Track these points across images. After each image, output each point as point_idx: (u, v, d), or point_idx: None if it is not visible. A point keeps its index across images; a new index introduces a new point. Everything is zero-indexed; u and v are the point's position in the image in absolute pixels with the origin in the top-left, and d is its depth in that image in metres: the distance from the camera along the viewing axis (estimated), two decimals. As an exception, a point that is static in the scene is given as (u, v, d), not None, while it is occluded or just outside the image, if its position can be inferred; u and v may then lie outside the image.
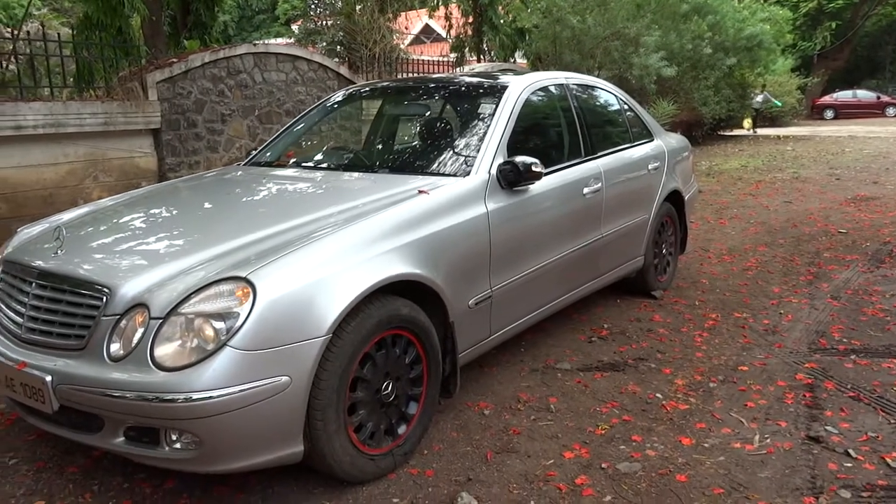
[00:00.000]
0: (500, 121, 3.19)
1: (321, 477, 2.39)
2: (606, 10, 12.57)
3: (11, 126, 6.48)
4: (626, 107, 4.45)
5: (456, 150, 3.17)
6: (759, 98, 18.75)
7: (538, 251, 3.22)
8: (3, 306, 2.45)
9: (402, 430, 2.53)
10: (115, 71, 8.16)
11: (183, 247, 2.40)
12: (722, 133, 17.91)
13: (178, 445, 2.06)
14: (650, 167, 4.33)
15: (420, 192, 2.73)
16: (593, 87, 4.25)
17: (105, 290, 2.15)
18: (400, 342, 2.48)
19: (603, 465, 2.56)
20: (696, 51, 13.87)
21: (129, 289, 2.13)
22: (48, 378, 2.10)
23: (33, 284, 2.33)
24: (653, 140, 4.56)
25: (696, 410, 3.02)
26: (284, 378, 2.05)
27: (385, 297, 2.39)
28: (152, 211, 2.90)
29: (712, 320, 4.18)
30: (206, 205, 3.00)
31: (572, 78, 4.01)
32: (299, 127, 3.95)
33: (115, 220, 2.83)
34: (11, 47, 7.93)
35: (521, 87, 3.45)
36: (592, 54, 12.62)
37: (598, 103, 4.26)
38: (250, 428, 2.04)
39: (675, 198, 4.68)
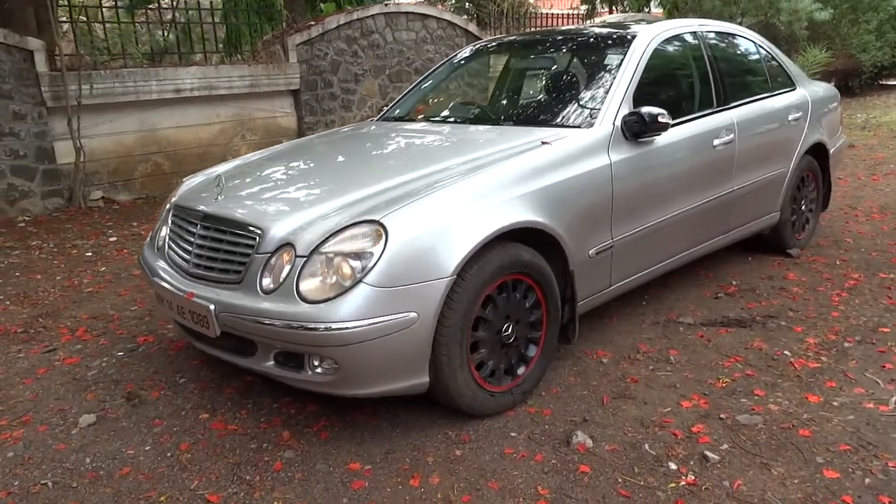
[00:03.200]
0: (627, 71, 3.16)
1: (445, 410, 2.58)
2: (752, -50, 11.65)
3: (172, 89, 7.13)
4: (765, 54, 4.22)
5: (581, 102, 3.19)
6: None
7: (662, 204, 3.19)
8: (174, 245, 2.81)
9: (521, 370, 2.66)
10: (260, 36, 8.70)
11: (321, 194, 2.63)
12: (884, 83, 16.21)
13: (319, 370, 2.31)
14: (790, 118, 4.10)
15: (543, 143, 2.79)
16: (729, 35, 4.06)
17: (258, 231, 2.41)
18: (521, 287, 2.59)
19: (722, 416, 2.56)
20: (856, -10, 12.58)
21: (278, 230, 2.38)
22: (212, 307, 2.41)
23: (198, 226, 2.66)
24: (795, 89, 4.30)
25: (827, 369, 2.92)
26: (413, 314, 2.23)
27: (507, 243, 2.50)
28: (294, 163, 3.17)
29: (854, 280, 3.95)
30: (341, 157, 3.23)
31: (706, 25, 3.86)
32: (427, 84, 4.10)
33: (263, 172, 3.12)
34: (171, 16, 8.65)
35: (650, 36, 3.38)
36: (735, 0, 11.79)
37: (733, 51, 4.07)
38: (382, 357, 2.25)
39: (818, 151, 4.41)
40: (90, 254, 5.04)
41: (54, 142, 6.41)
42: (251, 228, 2.44)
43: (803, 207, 4.45)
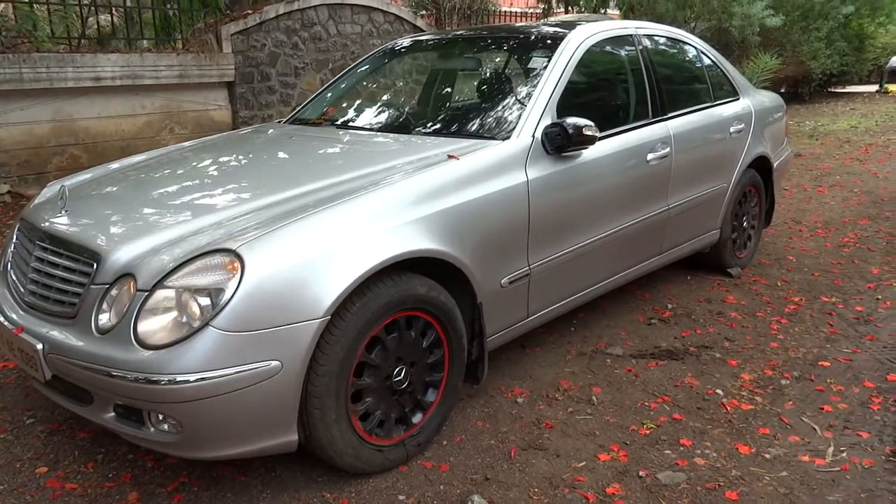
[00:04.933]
0: (552, 77, 2.83)
1: (328, 465, 2.22)
2: (707, -46, 11.54)
3: (91, 77, 6.60)
4: (707, 61, 3.95)
5: (499, 111, 2.85)
6: None
7: (588, 225, 2.88)
8: (14, 268, 2.38)
9: (417, 418, 2.31)
10: (192, 23, 8.18)
11: (180, 213, 2.22)
12: (833, 90, 16.37)
13: (163, 427, 1.92)
14: (732, 130, 3.84)
15: (449, 157, 2.44)
16: (670, 39, 3.78)
17: (96, 256, 2.01)
18: (417, 324, 2.24)
19: (641, 473, 2.26)
20: (807, -2, 12.59)
21: (119, 257, 1.98)
22: (39, 346, 2.00)
23: (36, 246, 2.24)
24: (738, 99, 4.05)
25: (761, 412, 2.66)
26: (275, 363, 1.86)
27: (399, 274, 2.15)
28: (162, 172, 2.73)
29: (794, 304, 3.72)
30: (217, 168, 2.79)
31: (644, 28, 3.56)
32: (345, 83, 3.71)
33: (122, 182, 2.68)
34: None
35: (580, 38, 3.06)
36: (689, 3, 11.67)
37: (673, 57, 3.79)
38: (237, 415, 1.87)
39: (761, 164, 4.17)
40: (-27, 259, 4.53)
41: (-47, 131, 5.85)
42: (89, 252, 2.04)
43: (745, 224, 4.21)
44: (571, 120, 2.64)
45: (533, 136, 2.65)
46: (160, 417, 1.91)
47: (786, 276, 4.16)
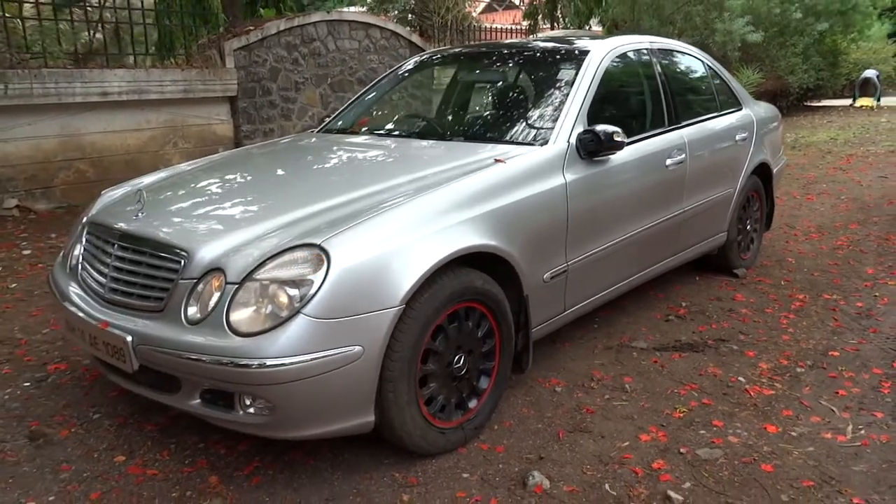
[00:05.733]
0: (581, 87, 3.04)
1: (392, 447, 2.38)
2: (689, -27, 11.96)
3: (98, 92, 6.70)
4: (713, 74, 4.20)
5: (533, 118, 3.06)
6: (870, 73, 16.61)
7: (617, 225, 3.08)
8: (88, 267, 2.51)
9: (472, 404, 2.48)
10: (195, 39, 8.32)
11: (258, 213, 2.40)
12: (809, 104, 16.91)
13: (251, 410, 2.07)
14: (737, 138, 4.09)
15: (496, 160, 2.63)
16: (679, 53, 4.03)
17: (183, 253, 2.16)
18: (473, 315, 2.42)
19: (682, 450, 2.45)
20: (784, 15, 13.06)
21: (206, 253, 2.14)
22: (129, 338, 2.14)
23: (115, 246, 2.38)
24: (741, 109, 4.30)
25: (781, 396, 2.86)
26: (357, 348, 2.03)
27: (459, 268, 2.32)
28: (228, 176, 2.91)
29: (799, 301, 3.95)
30: (280, 171, 3.00)
31: (657, 42, 3.80)
32: (371, 95, 3.90)
33: (192, 185, 2.86)
34: (99, 16, 8.17)
35: (603, 51, 3.28)
36: (672, 20, 12.08)
37: (683, 70, 4.04)
38: (322, 396, 2.03)
39: (762, 171, 4.42)
40: (-1, 269, 4.62)
41: (-37, 145, 5.92)
42: (176, 250, 2.19)
43: (748, 227, 4.45)
44: (602, 127, 2.85)
45: (568, 141, 2.85)
46: (249, 401, 2.06)
47: (788, 276, 4.40)
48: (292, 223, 2.22)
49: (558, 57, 3.44)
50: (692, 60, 4.11)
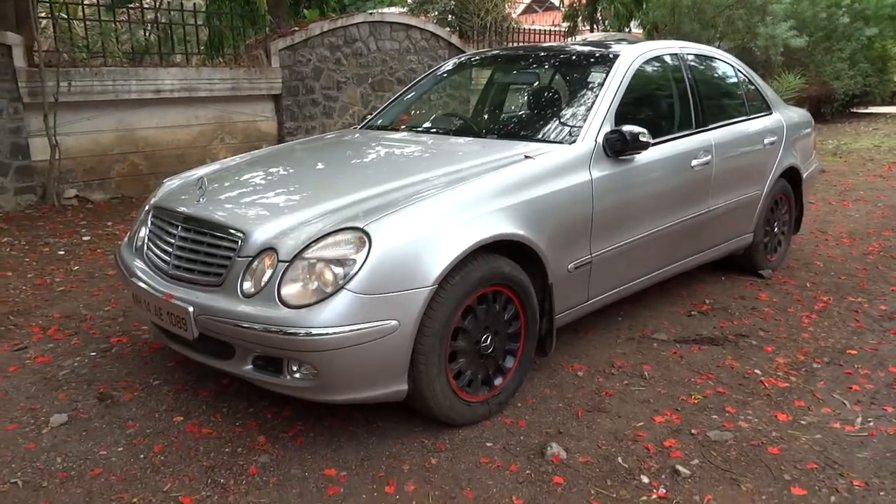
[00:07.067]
0: (609, 90, 3.22)
1: (421, 418, 2.59)
2: (732, -24, 11.95)
3: (152, 90, 7.07)
4: (743, 78, 4.32)
5: (563, 118, 3.24)
6: None
7: (640, 221, 3.25)
8: (153, 246, 2.79)
9: (498, 381, 2.68)
10: (242, 39, 8.68)
11: (304, 200, 2.64)
12: (855, 110, 16.65)
13: (298, 375, 2.31)
14: (766, 142, 4.20)
15: (526, 157, 2.83)
16: (709, 58, 4.16)
17: (240, 234, 2.41)
18: (500, 298, 2.62)
19: (693, 431, 2.61)
20: (830, 19, 12.93)
21: (261, 234, 2.38)
22: (190, 309, 2.39)
23: (179, 227, 2.65)
24: (771, 114, 4.41)
25: (795, 389, 2.99)
26: (393, 322, 2.25)
27: (488, 254, 2.53)
28: (277, 168, 3.17)
29: (823, 302, 4.05)
30: (324, 164, 3.24)
31: (687, 48, 3.95)
32: (411, 94, 4.13)
33: (245, 176, 3.11)
34: (154, 16, 8.59)
35: (632, 56, 3.45)
36: (714, 23, 12.07)
37: (713, 74, 4.17)
38: (361, 364, 2.26)
39: (791, 175, 4.52)
40: (63, 252, 4.97)
41: (29, 138, 6.32)
42: (233, 231, 2.44)
43: (776, 230, 4.55)
44: (628, 127, 3.02)
45: (595, 140, 3.03)
46: (296, 367, 2.30)
47: (814, 279, 4.48)
48: (336, 210, 2.45)
49: (590, 61, 3.62)
50: (722, 65, 4.24)
